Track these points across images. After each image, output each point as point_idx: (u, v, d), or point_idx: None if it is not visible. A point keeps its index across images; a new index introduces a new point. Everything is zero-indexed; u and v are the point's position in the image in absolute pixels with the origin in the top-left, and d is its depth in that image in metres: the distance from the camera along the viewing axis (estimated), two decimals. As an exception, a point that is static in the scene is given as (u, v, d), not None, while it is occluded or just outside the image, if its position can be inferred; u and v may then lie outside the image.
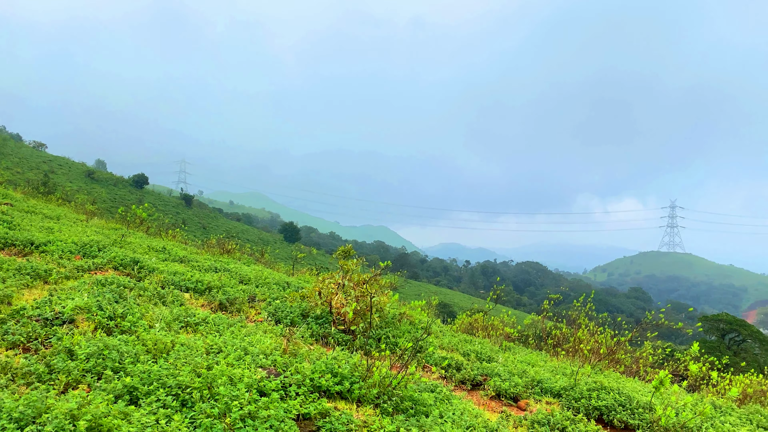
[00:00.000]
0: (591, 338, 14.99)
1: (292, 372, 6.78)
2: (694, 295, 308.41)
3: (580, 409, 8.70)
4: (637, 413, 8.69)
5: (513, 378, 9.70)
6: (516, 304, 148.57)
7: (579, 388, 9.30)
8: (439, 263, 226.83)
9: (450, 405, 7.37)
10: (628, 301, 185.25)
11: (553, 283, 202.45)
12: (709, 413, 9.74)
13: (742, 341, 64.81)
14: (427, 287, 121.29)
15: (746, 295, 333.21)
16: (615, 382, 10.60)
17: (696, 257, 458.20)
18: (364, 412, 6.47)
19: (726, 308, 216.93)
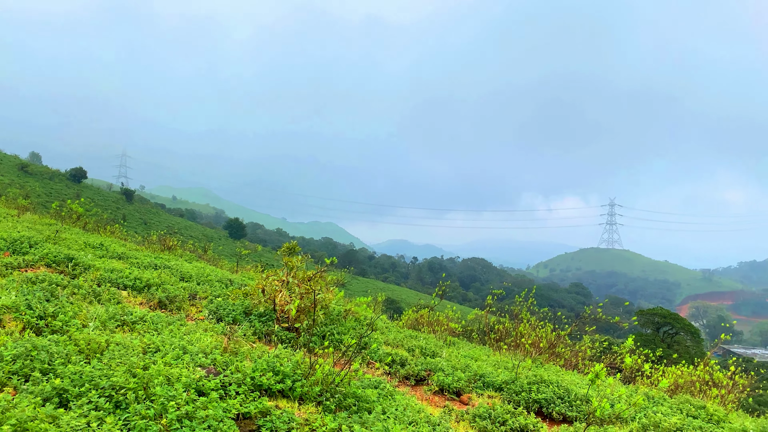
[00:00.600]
0: (532, 332, 15.34)
1: (232, 371, 6.65)
2: (631, 290, 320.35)
3: (521, 403, 8.88)
4: (575, 405, 8.95)
5: (456, 373, 9.81)
6: (462, 299, 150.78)
7: (520, 382, 9.50)
8: (387, 260, 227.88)
9: (393, 401, 7.39)
10: (569, 296, 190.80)
11: (497, 278, 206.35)
12: (643, 404, 10.11)
13: (675, 334, 67.64)
14: (374, 283, 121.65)
15: (680, 289, 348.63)
16: (554, 376, 10.88)
17: (633, 253, 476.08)
18: (306, 410, 6.41)
19: (661, 302, 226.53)
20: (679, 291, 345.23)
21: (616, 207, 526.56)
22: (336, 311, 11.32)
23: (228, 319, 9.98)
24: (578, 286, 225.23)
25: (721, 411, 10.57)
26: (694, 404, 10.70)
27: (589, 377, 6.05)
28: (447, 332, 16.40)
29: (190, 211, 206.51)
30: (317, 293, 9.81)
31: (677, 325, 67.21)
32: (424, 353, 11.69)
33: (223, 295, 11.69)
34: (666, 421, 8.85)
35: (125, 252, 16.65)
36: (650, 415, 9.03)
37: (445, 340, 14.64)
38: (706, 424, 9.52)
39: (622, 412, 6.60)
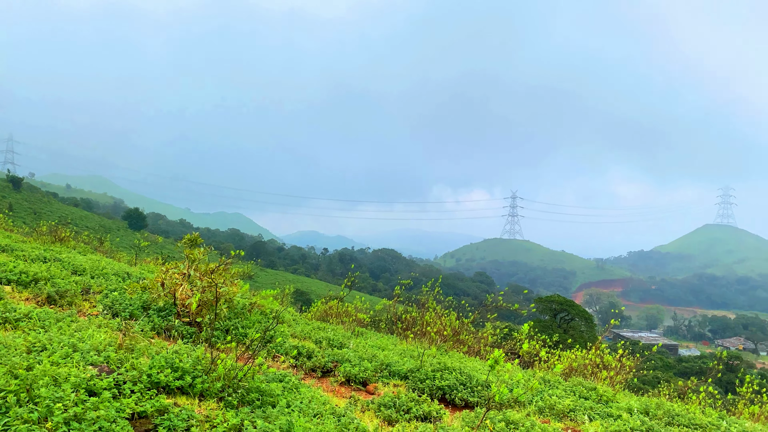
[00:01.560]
0: (438, 321, 15.69)
1: (127, 368, 6.33)
2: (531, 279, 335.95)
3: (425, 390, 9.06)
4: (476, 391, 9.24)
5: (363, 363, 9.86)
6: (372, 290, 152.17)
7: (424, 370, 9.68)
8: (297, 251, 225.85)
9: (298, 394, 7.32)
10: (473, 285, 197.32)
11: (406, 269, 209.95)
12: (539, 387, 10.62)
13: (571, 320, 71.61)
14: (284, 275, 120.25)
15: (575, 278, 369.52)
16: (458, 362, 11.19)
17: (534, 244, 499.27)
18: (207, 406, 6.21)
19: (558, 290, 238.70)
20: (574, 279, 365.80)
21: (518, 200, 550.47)
22: (241, 305, 11.06)
23: (125, 314, 9.49)
24: (482, 275, 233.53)
25: (610, 391, 11.29)
26: (585, 386, 11.36)
27: (489, 363, 6.25)
28: (355, 323, 16.46)
29: (86, 201, 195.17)
30: (220, 286, 9.53)
31: (573, 312, 71.17)
32: (331, 345, 11.67)
33: (119, 289, 11.11)
34: (560, 403, 9.34)
35: (10, 244, 15.46)
36: (546, 398, 9.49)
37: (353, 330, 14.69)
38: (596, 405, 10.13)
39: (520, 396, 6.88)
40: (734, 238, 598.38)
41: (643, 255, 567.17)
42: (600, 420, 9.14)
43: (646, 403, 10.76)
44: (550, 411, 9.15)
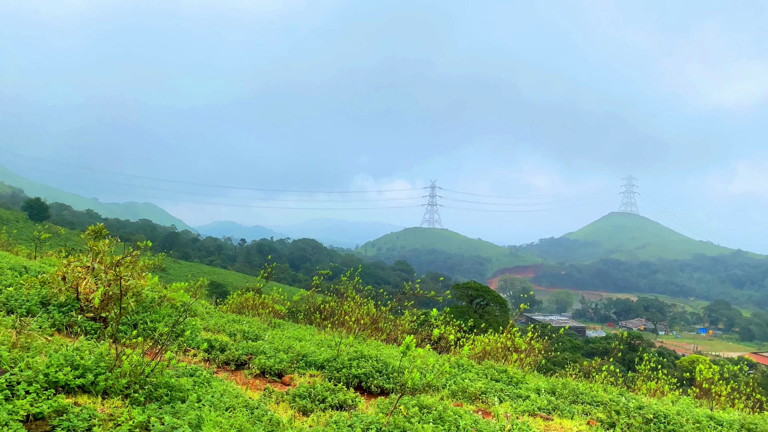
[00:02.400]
0: (357, 310, 15.76)
1: (22, 368, 5.93)
2: (449, 266, 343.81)
3: (341, 379, 9.09)
4: (392, 378, 9.36)
5: (278, 354, 9.75)
6: (292, 280, 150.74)
7: (341, 359, 9.70)
8: (213, 242, 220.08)
9: (210, 387, 7.13)
10: (393, 273, 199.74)
11: (327, 259, 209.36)
12: (453, 371, 10.90)
13: (486, 305, 73.86)
14: (199, 267, 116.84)
15: (491, 264, 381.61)
16: (375, 350, 11.28)
17: (452, 232, 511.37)
18: (110, 404, 5.93)
19: (474, 277, 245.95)
20: (490, 266, 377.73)
21: (437, 189, 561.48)
22: (150, 298, 10.64)
23: (21, 310, 8.90)
24: (402, 264, 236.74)
25: (520, 373, 11.75)
26: (497, 369, 11.76)
27: (401, 349, 6.33)
28: (272, 314, 16.26)
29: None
30: (127, 279, 9.13)
31: (488, 297, 73.44)
32: (246, 337, 11.46)
33: (15, 285, 10.40)
34: (472, 386, 9.63)
35: None
36: (459, 382, 9.75)
37: (269, 322, 14.49)
38: (506, 386, 10.52)
39: (432, 381, 7.02)
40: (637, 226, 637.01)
41: (554, 242, 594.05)
42: (510, 401, 9.50)
43: (553, 383, 11.27)
44: (462, 394, 9.42)
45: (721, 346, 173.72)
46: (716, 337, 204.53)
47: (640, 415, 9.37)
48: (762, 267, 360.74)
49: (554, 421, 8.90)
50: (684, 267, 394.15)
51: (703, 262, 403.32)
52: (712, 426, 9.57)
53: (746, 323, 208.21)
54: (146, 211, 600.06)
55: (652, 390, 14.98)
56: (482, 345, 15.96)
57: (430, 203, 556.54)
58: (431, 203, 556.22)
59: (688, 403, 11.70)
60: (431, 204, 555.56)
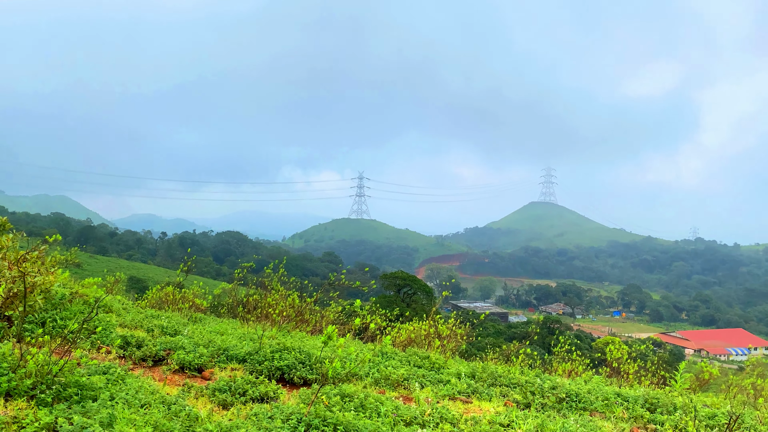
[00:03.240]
0: (281, 302, 15.63)
1: None
2: (377, 257, 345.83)
3: (263, 371, 9.02)
4: (315, 368, 9.37)
5: (199, 349, 9.55)
6: (216, 274, 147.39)
7: (263, 352, 9.62)
8: (132, 236, 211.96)
9: (124, 385, 6.91)
10: (322, 265, 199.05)
11: (253, 251, 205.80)
12: (375, 360, 11.03)
13: (413, 293, 74.98)
14: (117, 262, 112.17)
15: (418, 254, 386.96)
16: (299, 342, 11.25)
17: (380, 223, 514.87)
18: (15, 406, 5.65)
19: (402, 266, 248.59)
20: (417, 255, 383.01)
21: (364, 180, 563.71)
22: (60, 295, 10.15)
23: None
24: (330, 255, 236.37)
25: (442, 359, 12.04)
26: (420, 355, 12.00)
27: (322, 339, 6.36)
28: (193, 309, 15.87)
29: None
30: (34, 275, 8.66)
31: (415, 286, 74.56)
32: (165, 332, 11.15)
33: None
34: (395, 373, 9.79)
35: None
36: (382, 370, 9.89)
37: (190, 317, 14.15)
38: (429, 372, 10.76)
39: (354, 369, 7.10)
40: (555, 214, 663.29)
41: (478, 231, 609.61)
42: (431, 386, 9.74)
43: (473, 367, 11.63)
44: (385, 381, 9.56)
45: (634, 328, 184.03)
46: (629, 319, 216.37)
47: (554, 395, 9.83)
48: (670, 252, 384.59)
49: (473, 404, 9.20)
50: (599, 253, 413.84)
51: (617, 249, 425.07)
52: (619, 402, 10.16)
53: (656, 306, 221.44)
54: (59, 204, 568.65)
55: (568, 371, 15.72)
56: (407, 333, 16.21)
57: (359, 194, 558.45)
58: (359, 194, 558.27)
59: (599, 382, 12.36)
60: (359, 195, 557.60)
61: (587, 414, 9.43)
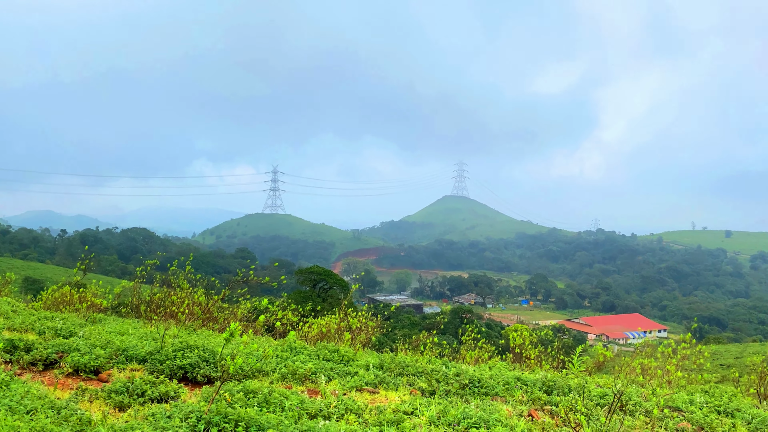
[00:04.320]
0: (187, 300, 15.18)
1: None
2: (293, 252, 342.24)
3: (165, 371, 8.74)
4: (219, 366, 9.19)
5: (95, 350, 9.13)
6: (121, 273, 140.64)
7: (165, 351, 9.33)
8: (28, 234, 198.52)
9: (8, 390, 6.51)
10: (235, 262, 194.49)
11: (161, 248, 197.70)
12: (283, 355, 10.97)
13: (329, 288, 74.87)
14: (10, 262, 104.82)
15: (334, 249, 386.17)
16: (203, 340, 10.98)
17: (295, 218, 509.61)
18: None
19: (318, 261, 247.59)
20: (334, 250, 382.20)
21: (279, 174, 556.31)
22: (-63, 297, 9.39)
23: None
24: (244, 251, 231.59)
25: (351, 351, 12.13)
26: (329, 349, 12.03)
27: (224, 336, 6.27)
28: (92, 309, 15.11)
29: None
30: None
31: (331, 281, 74.46)
32: (58, 334, 10.57)
33: None
34: (303, 367, 9.78)
35: None
36: (289, 365, 9.85)
37: (88, 317, 13.47)
38: (338, 365, 10.82)
39: (256, 365, 7.04)
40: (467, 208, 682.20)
41: (394, 225, 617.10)
42: (339, 379, 9.80)
43: (382, 358, 11.81)
44: (293, 376, 9.53)
45: (541, 315, 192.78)
46: (536, 307, 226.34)
47: (458, 382, 10.16)
48: (573, 243, 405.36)
49: (380, 394, 9.35)
50: (508, 245, 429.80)
51: (525, 240, 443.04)
52: (519, 386, 10.65)
53: (561, 294, 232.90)
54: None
55: (475, 358, 16.28)
56: (318, 327, 16.20)
57: (273, 188, 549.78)
58: (274, 188, 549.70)
59: (502, 368, 12.90)
60: (273, 189, 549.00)
61: (489, 398, 9.82)
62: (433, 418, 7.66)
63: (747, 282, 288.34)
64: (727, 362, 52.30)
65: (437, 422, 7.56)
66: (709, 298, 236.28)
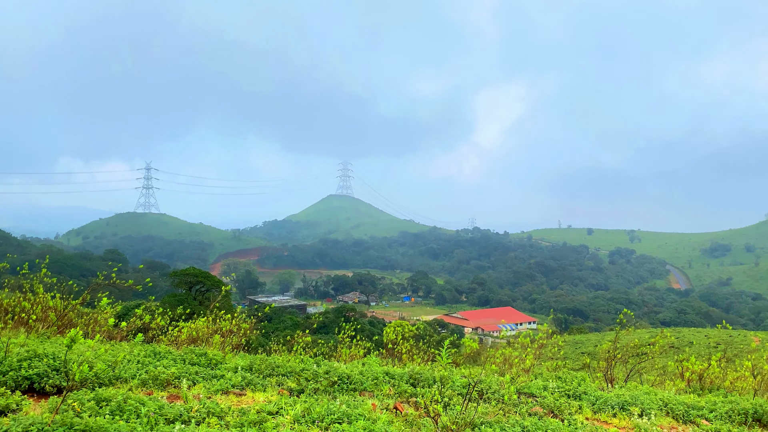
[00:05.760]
0: (40, 305, 14.08)
1: None
2: (168, 253, 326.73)
3: (8, 382, 8.07)
4: (70, 375, 8.63)
5: (-76, 364, 8.24)
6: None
7: (9, 361, 8.61)
8: None
9: None
10: (103, 264, 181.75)
11: (18, 251, 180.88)
12: (145, 360, 10.52)
13: (206, 291, 72.33)
14: None
15: (213, 249, 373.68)
16: (56, 348, 10.26)
17: (171, 217, 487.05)
18: None
19: (196, 263, 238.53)
20: (213, 251, 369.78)
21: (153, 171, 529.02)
22: None
23: None
24: (114, 253, 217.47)
25: (220, 354, 11.85)
26: (196, 352, 11.68)
27: (65, 342, 5.92)
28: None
29: None
30: None
31: (208, 283, 71.98)
32: None
33: None
34: (165, 372, 9.42)
35: None
36: (151, 370, 9.45)
37: None
38: (204, 369, 10.53)
39: (107, 372, 6.70)
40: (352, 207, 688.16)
41: (277, 224, 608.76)
42: (204, 382, 9.55)
43: (252, 359, 11.64)
44: (154, 382, 9.16)
45: (422, 311, 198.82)
46: (417, 303, 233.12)
47: (326, 379, 10.27)
48: (452, 241, 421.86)
49: (247, 396, 9.24)
50: (391, 243, 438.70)
51: (407, 239, 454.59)
52: (387, 380, 10.96)
53: (440, 290, 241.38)
54: None
55: (350, 355, 16.51)
56: (189, 331, 15.68)
57: (146, 186, 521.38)
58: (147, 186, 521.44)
59: (374, 363, 13.18)
60: (147, 187, 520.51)
61: (357, 394, 10.02)
62: (298, 416, 7.70)
63: (606, 275, 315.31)
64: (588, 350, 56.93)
65: (301, 420, 7.61)
66: (573, 291, 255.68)
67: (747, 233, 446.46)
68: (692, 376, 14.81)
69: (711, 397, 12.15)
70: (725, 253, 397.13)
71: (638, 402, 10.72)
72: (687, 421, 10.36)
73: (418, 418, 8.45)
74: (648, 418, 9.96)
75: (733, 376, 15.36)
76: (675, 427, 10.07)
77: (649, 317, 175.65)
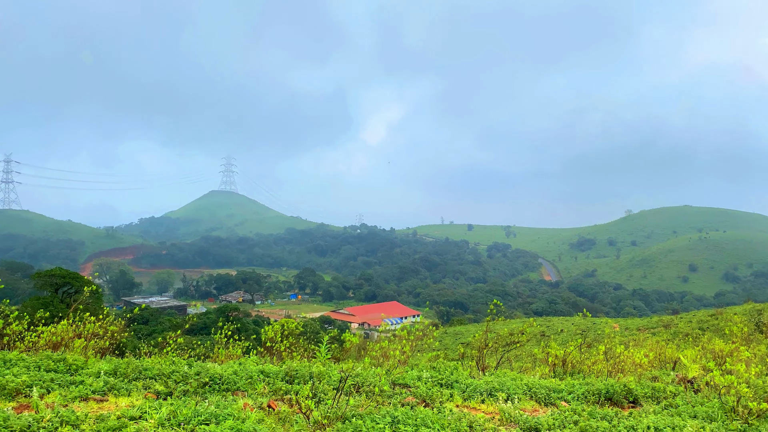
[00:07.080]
0: None
1: None
2: (32, 253, 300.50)
3: None
4: None
5: None
6: None
7: None
8: None
9: None
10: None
11: None
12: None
13: (75, 293, 67.47)
14: None
15: (84, 248, 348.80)
16: None
17: (35, 214, 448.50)
18: None
19: (64, 263, 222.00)
20: (83, 250, 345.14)
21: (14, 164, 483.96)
22: None
23: None
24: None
25: (81, 359, 11.11)
26: (54, 358, 10.86)
27: None
28: None
29: None
30: None
31: (77, 284, 67.22)
32: None
33: None
34: (14, 380, 8.69)
35: None
36: (-4, 379, 8.68)
37: None
38: (63, 375, 9.82)
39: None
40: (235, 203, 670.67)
41: (155, 221, 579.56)
42: (61, 389, 8.91)
43: (117, 363, 11.01)
44: (1, 391, 8.42)
45: (309, 309, 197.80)
46: (304, 301, 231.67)
47: (197, 380, 9.94)
48: (339, 237, 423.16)
49: (109, 401, 8.74)
50: (278, 240, 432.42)
51: (294, 235, 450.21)
52: (262, 378, 10.80)
53: (327, 286, 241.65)
54: None
55: (227, 355, 16.08)
56: (49, 336, 14.54)
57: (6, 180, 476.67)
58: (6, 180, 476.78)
59: (250, 362, 12.92)
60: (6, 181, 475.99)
61: (230, 394, 9.79)
62: (163, 419, 7.39)
63: (485, 269, 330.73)
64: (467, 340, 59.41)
65: (166, 424, 7.31)
66: (455, 285, 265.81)
67: (609, 228, 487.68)
68: (556, 361, 15.88)
69: (570, 380, 13.10)
70: (591, 247, 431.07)
71: (505, 388, 11.34)
72: (548, 403, 11.11)
73: (291, 415, 8.41)
74: (513, 403, 10.56)
75: (591, 360, 16.65)
76: (537, 409, 10.75)
77: (524, 307, 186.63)
